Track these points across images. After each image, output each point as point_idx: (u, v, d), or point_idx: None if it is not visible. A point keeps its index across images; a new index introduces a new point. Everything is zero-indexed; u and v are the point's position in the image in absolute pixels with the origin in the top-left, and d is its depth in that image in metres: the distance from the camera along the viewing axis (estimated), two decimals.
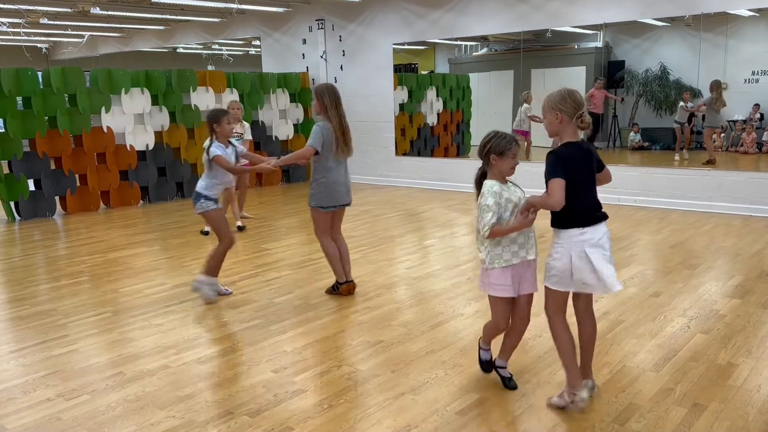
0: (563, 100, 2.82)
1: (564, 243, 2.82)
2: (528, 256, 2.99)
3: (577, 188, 2.76)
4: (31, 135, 8.17)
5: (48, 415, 2.99)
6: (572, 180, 2.74)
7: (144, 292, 4.94)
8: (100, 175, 8.83)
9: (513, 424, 2.81)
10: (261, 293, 4.84)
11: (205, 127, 4.70)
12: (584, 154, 2.83)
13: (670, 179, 8.12)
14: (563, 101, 2.82)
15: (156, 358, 3.63)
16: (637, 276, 5.05)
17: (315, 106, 4.57)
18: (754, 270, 5.17)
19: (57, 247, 6.68)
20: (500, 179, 2.96)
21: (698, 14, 7.73)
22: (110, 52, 15.29)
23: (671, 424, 2.78)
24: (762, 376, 3.23)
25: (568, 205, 2.74)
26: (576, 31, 9.47)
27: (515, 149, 2.93)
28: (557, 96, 2.83)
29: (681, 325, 3.97)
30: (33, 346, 3.86)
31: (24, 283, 5.27)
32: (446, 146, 11.65)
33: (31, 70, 8.23)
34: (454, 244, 6.44)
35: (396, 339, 3.84)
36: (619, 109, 10.24)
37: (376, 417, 2.89)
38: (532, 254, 3.01)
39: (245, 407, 3.01)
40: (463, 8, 9.51)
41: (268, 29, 11.91)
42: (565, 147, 2.81)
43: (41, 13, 11.12)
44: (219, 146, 4.68)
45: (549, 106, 2.85)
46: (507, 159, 2.92)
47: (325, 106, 4.49)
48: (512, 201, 2.92)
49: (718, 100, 8.57)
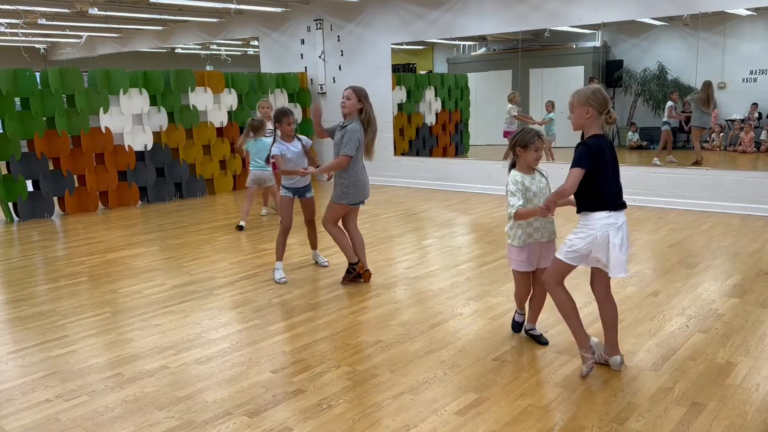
0: (594, 96, 3.08)
1: (591, 224, 3.09)
2: (542, 239, 3.48)
3: (604, 175, 3.08)
4: (29, 136, 8.16)
5: (47, 416, 2.99)
6: (599, 168, 3.05)
7: (143, 292, 4.93)
8: (98, 175, 8.83)
9: (512, 424, 2.81)
10: (260, 293, 4.84)
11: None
12: (609, 145, 3.17)
13: (669, 178, 8.13)
14: (594, 97, 3.08)
15: (155, 358, 3.63)
16: (635, 275, 5.06)
17: (351, 105, 4.62)
18: (753, 269, 5.17)
19: (56, 248, 6.68)
20: (525, 169, 3.43)
21: (696, 13, 7.74)
22: (108, 52, 15.28)
23: (670, 423, 2.79)
24: (760, 375, 3.24)
25: (596, 191, 3.07)
26: (574, 31, 9.48)
27: (538, 143, 3.37)
28: (589, 92, 3.09)
29: (680, 325, 3.98)
30: (32, 346, 3.86)
31: (23, 284, 5.27)
32: (445, 146, 11.65)
33: (29, 70, 8.23)
34: (452, 244, 6.45)
35: (395, 339, 3.84)
36: (618, 108, 10.24)
37: (375, 417, 2.89)
38: (546, 237, 3.49)
39: (244, 408, 3.01)
40: (461, 8, 9.51)
41: (267, 29, 11.91)
42: (595, 139, 3.09)
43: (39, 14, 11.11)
44: (279, 145, 4.97)
45: (579, 102, 3.10)
46: (530, 151, 3.37)
47: (365, 108, 4.64)
48: (531, 190, 3.38)
49: (707, 101, 8.58)
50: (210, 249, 6.34)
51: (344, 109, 4.62)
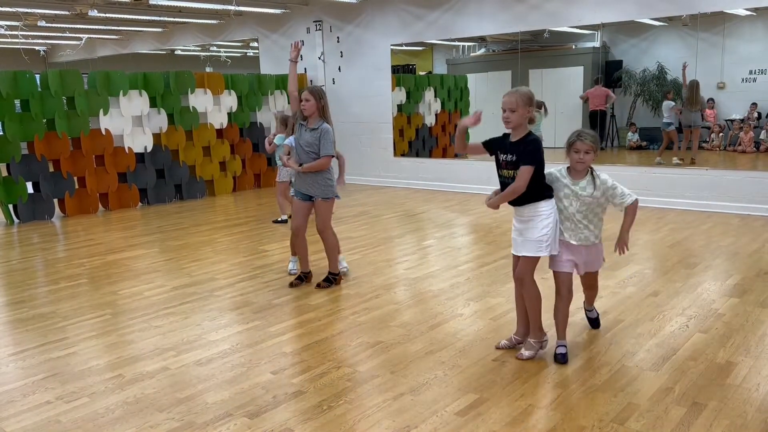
0: (532, 98, 3.33)
1: (546, 212, 3.32)
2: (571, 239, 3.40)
3: (544, 168, 3.34)
4: (29, 138, 8.16)
5: (47, 417, 2.99)
6: (542, 162, 3.29)
7: (143, 294, 4.94)
8: (98, 177, 8.83)
9: (512, 425, 2.81)
10: (260, 295, 4.84)
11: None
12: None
13: (668, 178, 8.13)
14: (532, 98, 3.33)
15: (155, 360, 3.63)
16: (635, 275, 5.06)
17: (311, 106, 4.64)
18: (753, 269, 5.17)
19: (56, 250, 6.68)
20: (573, 173, 3.35)
21: (695, 14, 7.74)
22: (108, 54, 15.28)
23: (670, 423, 2.79)
24: (761, 375, 3.24)
25: (541, 183, 3.33)
26: (573, 31, 9.49)
27: (577, 145, 3.27)
28: (529, 93, 3.33)
29: (680, 325, 3.98)
30: (32, 348, 3.86)
31: (23, 286, 5.27)
32: (444, 147, 11.66)
33: (29, 72, 8.23)
34: (452, 245, 6.45)
35: (395, 340, 3.85)
36: (618, 108, 10.25)
37: (376, 418, 2.90)
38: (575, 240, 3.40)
39: (244, 409, 3.01)
40: (460, 9, 9.52)
41: (266, 31, 11.92)
42: (533, 136, 3.31)
43: (39, 16, 11.11)
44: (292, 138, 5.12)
45: (524, 102, 3.30)
46: (570, 152, 3.31)
47: (324, 107, 4.70)
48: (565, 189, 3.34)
49: (693, 101, 8.67)
50: (210, 250, 6.34)
51: (306, 111, 4.66)
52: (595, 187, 3.31)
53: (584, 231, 3.38)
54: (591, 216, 3.38)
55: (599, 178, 3.33)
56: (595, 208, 3.37)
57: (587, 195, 3.32)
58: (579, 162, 3.29)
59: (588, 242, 3.41)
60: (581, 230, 3.38)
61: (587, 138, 3.26)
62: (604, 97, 9.74)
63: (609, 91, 9.76)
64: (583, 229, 3.38)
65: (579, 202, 3.33)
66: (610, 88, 9.90)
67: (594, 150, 3.27)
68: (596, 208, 3.38)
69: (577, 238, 3.39)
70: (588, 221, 3.37)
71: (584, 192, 3.32)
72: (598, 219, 3.41)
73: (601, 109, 9.80)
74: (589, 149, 3.26)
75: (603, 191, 3.33)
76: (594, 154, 3.29)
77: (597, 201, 3.34)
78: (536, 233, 3.33)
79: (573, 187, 3.33)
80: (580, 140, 3.27)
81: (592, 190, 3.31)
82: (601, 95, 9.75)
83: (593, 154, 3.28)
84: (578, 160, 3.29)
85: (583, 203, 3.33)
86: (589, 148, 3.26)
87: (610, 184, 3.34)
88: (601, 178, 3.33)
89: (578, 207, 3.34)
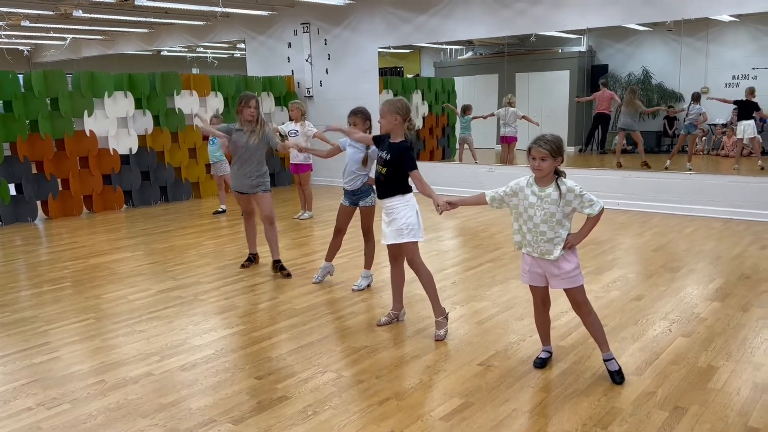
0: (402, 106, 3.80)
1: (409, 202, 3.94)
2: (533, 253, 3.27)
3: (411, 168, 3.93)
4: (12, 139, 8.07)
5: (28, 424, 2.95)
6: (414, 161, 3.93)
7: (127, 298, 4.90)
8: (82, 179, 8.75)
9: (497, 429, 2.82)
10: (245, 299, 4.82)
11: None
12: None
13: (652, 182, 8.21)
14: (402, 106, 3.79)
15: (139, 365, 3.60)
16: (619, 279, 5.10)
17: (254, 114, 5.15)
18: (735, 273, 5.23)
19: (39, 253, 6.61)
20: (539, 180, 3.20)
21: (680, 20, 7.82)
22: (93, 54, 15.15)
23: (653, 427, 2.81)
24: (741, 379, 3.27)
25: (406, 180, 3.95)
26: (560, 36, 9.56)
27: (532, 151, 3.13)
28: (399, 102, 3.82)
29: (662, 329, 4.01)
30: (14, 353, 3.82)
31: (5, 290, 5.21)
32: (432, 150, 11.68)
33: (12, 73, 8.15)
34: (439, 248, 6.46)
35: (380, 344, 3.84)
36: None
37: (361, 423, 2.89)
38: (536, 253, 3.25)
39: (228, 415, 3.00)
40: (448, 12, 9.55)
41: (253, 32, 11.88)
42: (406, 143, 3.88)
43: (22, 16, 11.00)
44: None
45: (390, 110, 3.79)
46: (529, 159, 3.19)
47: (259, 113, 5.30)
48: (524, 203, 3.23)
49: (632, 104, 9.12)
50: (195, 254, 6.30)
51: (251, 117, 5.18)
52: (560, 195, 3.13)
53: (545, 244, 3.19)
54: (556, 226, 3.15)
55: (565, 185, 3.14)
56: (560, 217, 3.16)
57: (551, 202, 3.14)
58: (536, 169, 3.12)
59: (550, 256, 3.19)
60: (542, 244, 3.19)
61: (543, 144, 3.08)
62: (608, 100, 9.79)
63: (614, 94, 9.82)
64: (545, 242, 3.18)
65: (543, 211, 3.16)
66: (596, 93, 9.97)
67: (552, 156, 3.08)
68: (562, 219, 3.16)
69: (538, 251, 3.22)
70: (554, 233, 3.16)
71: (549, 199, 3.15)
72: (564, 229, 3.18)
73: (605, 112, 9.86)
74: (545, 156, 3.07)
75: (569, 199, 3.15)
76: (553, 161, 3.09)
77: (561, 210, 3.16)
78: (398, 223, 3.89)
79: (540, 193, 3.16)
80: (534, 146, 3.10)
81: (557, 197, 3.14)
82: (606, 98, 9.80)
83: (551, 161, 3.09)
84: (535, 167, 3.12)
85: (547, 212, 3.15)
86: (544, 155, 3.07)
87: (578, 192, 3.14)
88: (567, 185, 3.14)
89: (542, 216, 3.16)
